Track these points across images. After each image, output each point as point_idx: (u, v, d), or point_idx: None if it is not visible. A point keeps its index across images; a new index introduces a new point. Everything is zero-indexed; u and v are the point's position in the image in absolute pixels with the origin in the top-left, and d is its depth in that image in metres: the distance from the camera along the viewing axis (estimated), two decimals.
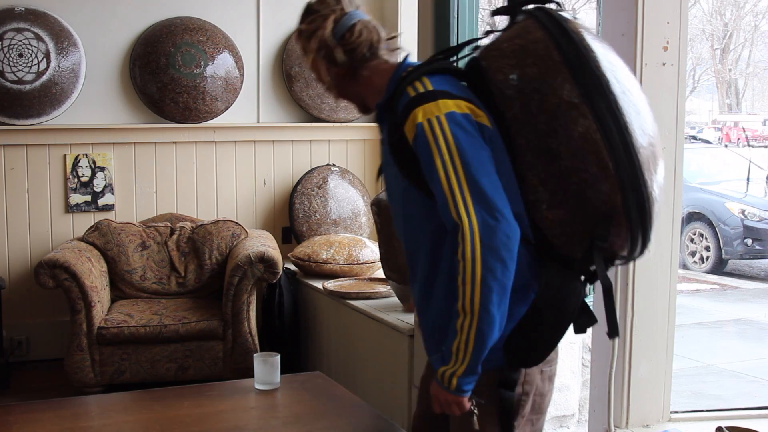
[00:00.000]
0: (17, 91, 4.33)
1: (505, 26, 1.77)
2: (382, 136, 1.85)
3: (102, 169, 4.60)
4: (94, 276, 4.01)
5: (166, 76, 4.56)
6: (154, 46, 4.56)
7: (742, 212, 8.46)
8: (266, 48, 4.89)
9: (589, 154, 1.61)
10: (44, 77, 4.37)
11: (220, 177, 4.84)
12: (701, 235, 8.65)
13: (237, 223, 4.48)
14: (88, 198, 4.59)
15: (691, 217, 8.67)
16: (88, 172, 4.58)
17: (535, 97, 1.65)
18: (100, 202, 4.61)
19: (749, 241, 8.35)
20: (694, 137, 13.13)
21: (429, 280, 1.81)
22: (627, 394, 2.37)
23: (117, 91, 4.65)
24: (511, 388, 1.76)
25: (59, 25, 4.43)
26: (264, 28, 4.87)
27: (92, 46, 4.54)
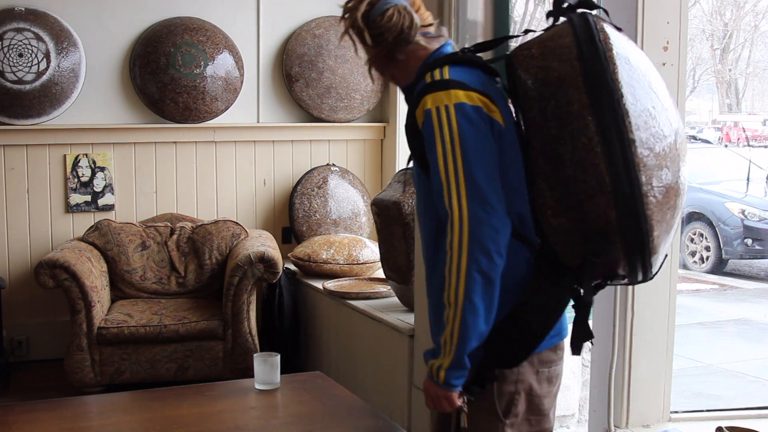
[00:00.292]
0: (17, 91, 4.33)
1: (547, 27, 1.78)
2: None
3: (102, 169, 4.60)
4: (94, 276, 4.01)
5: (166, 76, 4.56)
6: (154, 46, 4.56)
7: (742, 212, 8.45)
8: (266, 48, 4.89)
9: (589, 165, 1.61)
10: (44, 77, 4.37)
11: (220, 177, 4.84)
12: (701, 235, 8.65)
13: (237, 223, 4.48)
14: (88, 198, 4.59)
15: (691, 217, 8.67)
16: (88, 172, 4.58)
17: (552, 102, 1.65)
18: (100, 202, 4.61)
19: (749, 241, 8.34)
20: (694, 137, 13.12)
21: (430, 268, 1.83)
22: (627, 394, 2.38)
23: (117, 91, 4.65)
24: (481, 385, 1.76)
25: (59, 25, 4.43)
26: (264, 28, 4.87)
27: (92, 46, 4.54)
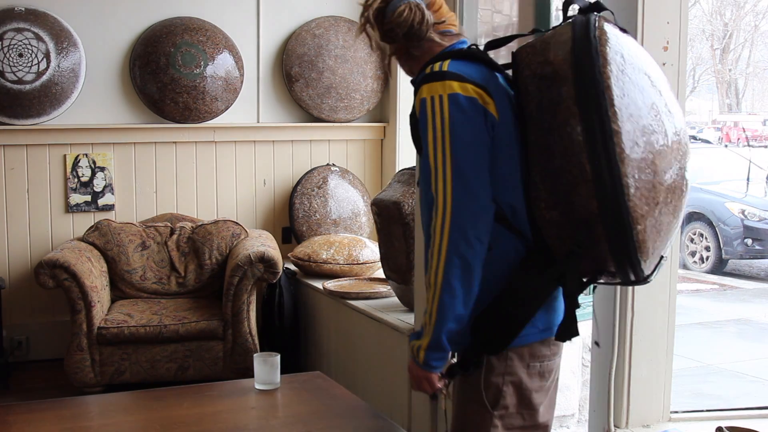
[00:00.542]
0: (17, 91, 4.33)
1: (553, 26, 1.83)
2: None
3: (102, 169, 4.60)
4: (94, 276, 4.01)
5: (166, 76, 4.56)
6: (154, 46, 4.56)
7: (742, 212, 8.46)
8: (266, 48, 4.89)
9: (572, 155, 1.64)
10: (44, 77, 4.37)
11: (220, 177, 4.84)
12: (701, 235, 8.65)
13: (237, 223, 4.48)
14: (88, 198, 4.59)
15: (691, 217, 8.67)
16: (88, 172, 4.58)
17: (546, 95, 1.70)
18: (100, 202, 4.61)
19: (749, 241, 8.35)
20: (694, 137, 13.12)
21: (426, 253, 1.86)
22: (627, 394, 2.37)
23: (117, 91, 4.65)
24: (466, 368, 1.81)
25: (59, 25, 4.43)
26: (264, 28, 4.87)
27: (92, 46, 4.54)
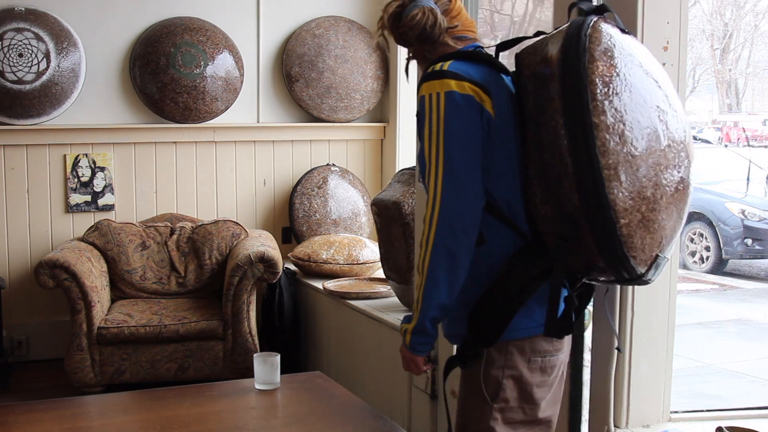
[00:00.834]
0: (17, 91, 4.33)
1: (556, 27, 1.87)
2: None
3: (102, 169, 4.60)
4: (94, 276, 4.01)
5: (166, 76, 4.56)
6: (154, 46, 4.56)
7: (742, 212, 8.45)
8: (266, 48, 4.89)
9: (556, 147, 1.69)
10: (44, 77, 4.37)
11: (220, 177, 4.84)
12: (701, 235, 8.65)
13: (237, 223, 4.48)
14: (88, 198, 4.59)
15: (691, 217, 8.67)
16: (88, 172, 4.58)
17: (540, 93, 1.74)
18: (100, 202, 4.61)
19: (749, 241, 8.34)
20: (694, 137, 13.07)
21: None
22: (627, 394, 2.37)
23: (117, 91, 4.65)
24: (462, 361, 1.87)
25: (59, 25, 4.43)
26: (264, 28, 4.87)
27: (92, 46, 4.54)
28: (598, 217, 1.65)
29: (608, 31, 1.72)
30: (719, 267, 8.53)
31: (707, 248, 8.60)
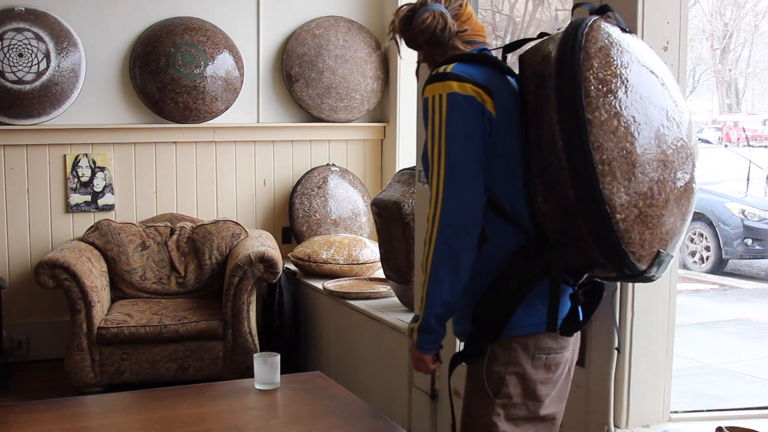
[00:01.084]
0: (17, 91, 4.33)
1: (559, 29, 1.89)
2: None
3: (102, 169, 4.60)
4: (94, 276, 4.01)
5: (166, 76, 4.56)
6: (154, 46, 4.56)
7: (742, 212, 8.45)
8: (266, 48, 4.89)
9: (551, 144, 1.71)
10: (44, 77, 4.37)
11: (220, 177, 4.84)
12: (701, 235, 8.65)
13: (237, 223, 4.48)
14: (88, 198, 4.59)
15: (691, 217, 8.66)
16: (88, 172, 4.58)
17: (539, 92, 1.77)
18: (100, 202, 4.61)
19: (749, 241, 8.34)
20: None
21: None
22: (627, 394, 2.37)
23: (117, 91, 4.65)
24: (467, 357, 1.89)
25: (59, 25, 4.43)
26: (264, 28, 4.87)
27: (92, 46, 4.55)
28: (594, 212, 1.66)
29: (607, 30, 1.73)
30: (719, 267, 8.53)
31: (707, 248, 8.59)
